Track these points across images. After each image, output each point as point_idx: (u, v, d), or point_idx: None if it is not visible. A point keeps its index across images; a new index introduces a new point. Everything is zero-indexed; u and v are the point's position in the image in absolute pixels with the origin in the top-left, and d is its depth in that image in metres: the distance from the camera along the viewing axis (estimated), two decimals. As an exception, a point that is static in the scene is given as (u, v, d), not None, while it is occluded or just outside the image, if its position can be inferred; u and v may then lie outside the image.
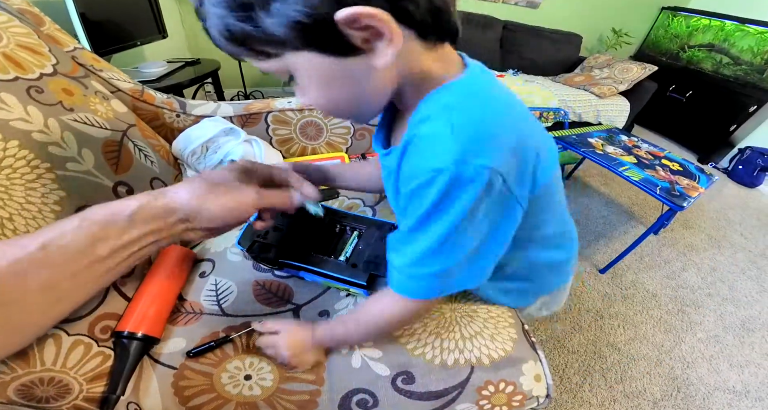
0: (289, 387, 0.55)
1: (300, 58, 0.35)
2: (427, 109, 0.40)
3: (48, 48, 0.71)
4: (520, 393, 0.58)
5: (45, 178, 0.56)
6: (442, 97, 0.40)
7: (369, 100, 0.42)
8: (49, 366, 0.48)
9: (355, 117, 0.46)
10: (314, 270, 0.62)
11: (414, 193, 0.40)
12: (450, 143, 0.37)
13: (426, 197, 0.38)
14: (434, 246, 0.42)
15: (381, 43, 0.34)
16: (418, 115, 0.41)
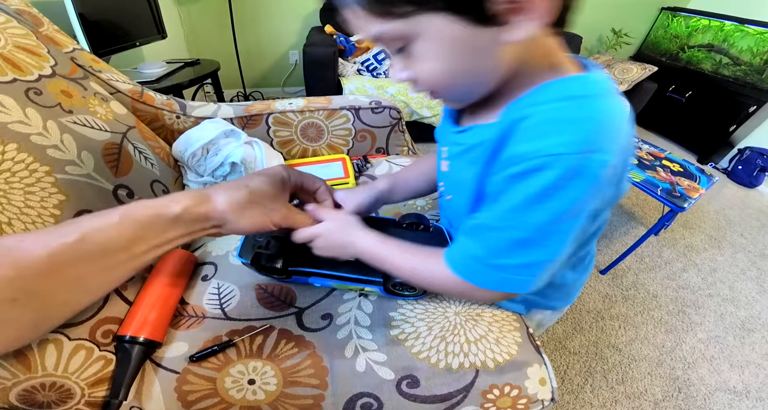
0: (293, 392, 0.55)
1: (433, 21, 0.33)
2: (546, 95, 0.38)
3: (47, 49, 0.71)
4: (525, 397, 0.58)
5: (44, 182, 0.55)
6: (567, 87, 0.38)
7: (484, 79, 0.40)
8: (51, 371, 0.48)
9: (461, 96, 0.44)
10: (327, 274, 0.61)
11: (517, 177, 0.37)
12: (573, 131, 0.34)
13: (533, 182, 0.36)
14: (529, 236, 0.39)
15: (521, 18, 0.32)
16: (531, 99, 0.39)
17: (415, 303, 0.66)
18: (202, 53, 2.45)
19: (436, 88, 0.42)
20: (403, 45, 0.37)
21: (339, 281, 0.63)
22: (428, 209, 0.88)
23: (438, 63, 0.37)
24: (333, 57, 2.09)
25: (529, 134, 0.36)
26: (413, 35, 0.35)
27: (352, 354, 0.59)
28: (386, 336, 0.61)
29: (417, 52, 0.37)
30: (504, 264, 0.42)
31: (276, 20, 2.80)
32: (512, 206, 0.38)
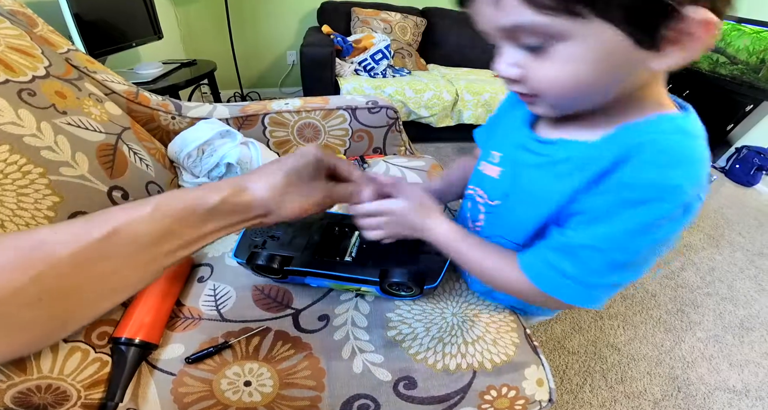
0: (289, 394, 0.55)
1: (600, 29, 0.31)
2: (664, 125, 0.39)
3: (41, 50, 0.70)
4: (522, 398, 0.57)
5: (38, 184, 0.55)
6: (684, 123, 0.39)
7: (603, 95, 0.39)
8: (47, 373, 0.47)
9: (566, 106, 0.42)
10: (323, 274, 0.60)
11: (634, 203, 0.38)
12: (692, 169, 0.37)
13: (649, 211, 0.37)
14: (629, 260, 0.41)
15: (675, 49, 0.32)
16: (650, 127, 0.39)
17: (413, 304, 0.65)
18: (198, 54, 2.44)
19: (548, 93, 0.39)
20: (543, 43, 0.34)
21: (335, 281, 0.62)
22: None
23: (575, 69, 0.35)
24: (330, 57, 2.09)
25: (653, 162, 0.37)
26: (567, 36, 0.33)
27: (349, 355, 0.58)
28: (383, 337, 0.61)
29: (558, 53, 0.34)
30: (596, 283, 0.43)
31: (273, 20, 2.80)
32: (623, 230, 0.39)
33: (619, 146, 0.39)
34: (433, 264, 0.61)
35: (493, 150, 0.59)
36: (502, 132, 0.60)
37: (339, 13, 2.68)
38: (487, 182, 0.58)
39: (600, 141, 0.41)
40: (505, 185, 0.54)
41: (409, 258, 0.62)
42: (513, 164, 0.53)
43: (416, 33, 2.78)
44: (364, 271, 0.60)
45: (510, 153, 0.54)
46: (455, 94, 2.34)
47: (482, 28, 0.39)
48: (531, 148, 0.49)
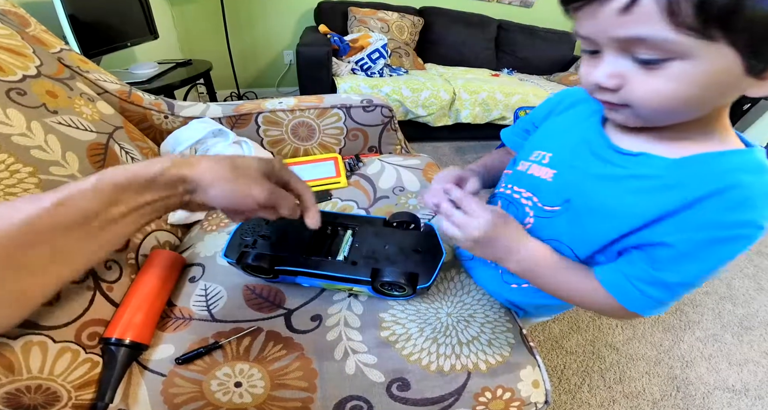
0: (280, 395, 0.54)
1: (723, 52, 0.32)
2: (748, 163, 0.40)
3: (32, 49, 0.69)
4: (518, 400, 0.57)
5: (27, 183, 0.54)
6: (757, 160, 0.40)
7: (697, 113, 0.39)
8: (36, 374, 0.47)
9: (654, 120, 0.42)
10: (314, 273, 0.60)
11: (720, 240, 0.40)
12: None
13: (738, 247, 0.39)
14: (702, 282, 0.43)
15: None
16: (734, 162, 0.40)
17: (406, 304, 0.65)
18: (195, 54, 2.44)
19: (643, 106, 0.39)
20: (659, 57, 0.34)
21: (327, 281, 0.62)
22: (420, 208, 0.87)
23: (681, 88, 0.35)
24: (327, 56, 2.08)
25: (742, 204, 0.39)
26: (688, 55, 0.33)
27: (342, 356, 0.58)
28: (377, 337, 0.60)
29: (671, 69, 0.34)
30: (672, 301, 0.46)
31: (270, 20, 2.79)
32: (712, 266, 0.41)
33: (704, 178, 0.40)
34: (426, 263, 0.61)
35: (538, 149, 0.57)
36: (555, 131, 0.58)
37: (336, 12, 2.67)
38: (536, 184, 0.56)
39: (682, 161, 0.42)
40: (564, 190, 0.52)
41: (402, 258, 0.61)
42: (575, 169, 0.51)
43: (413, 32, 2.77)
44: (355, 271, 0.59)
45: (570, 156, 0.53)
46: (452, 93, 2.33)
47: (586, 34, 0.38)
48: (607, 157, 0.48)
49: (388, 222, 0.67)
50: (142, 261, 0.66)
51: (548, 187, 0.54)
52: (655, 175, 0.43)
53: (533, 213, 0.56)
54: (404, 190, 0.92)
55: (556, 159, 0.54)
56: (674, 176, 0.42)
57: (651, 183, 0.43)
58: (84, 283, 0.55)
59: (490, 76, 2.76)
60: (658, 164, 0.43)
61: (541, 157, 0.56)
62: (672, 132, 0.43)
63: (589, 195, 0.49)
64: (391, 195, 0.90)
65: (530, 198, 0.56)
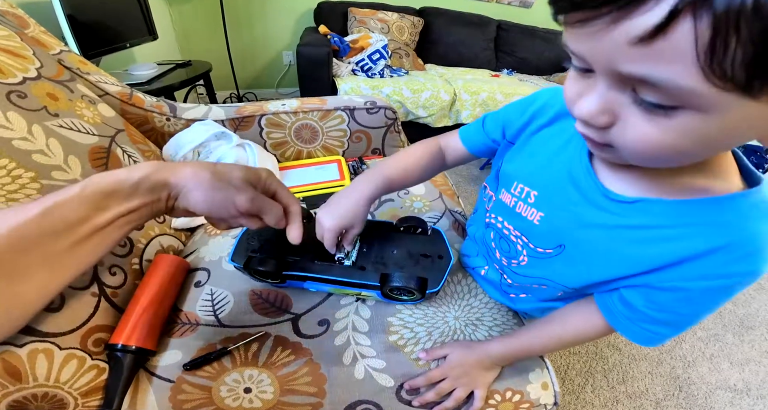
0: (290, 400, 0.54)
1: (751, 108, 0.24)
2: (750, 211, 0.37)
3: (32, 51, 0.69)
4: (527, 402, 0.56)
5: (29, 188, 0.53)
6: (756, 199, 0.37)
7: (697, 159, 0.33)
8: (42, 382, 0.46)
9: (651, 165, 0.35)
10: (323, 278, 0.59)
11: (726, 287, 0.39)
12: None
13: (736, 290, 0.39)
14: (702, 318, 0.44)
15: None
16: (738, 211, 0.37)
17: (414, 307, 0.64)
18: (194, 54, 2.42)
19: (632, 151, 0.32)
20: (667, 104, 0.26)
21: (335, 285, 0.61)
22: (425, 211, 0.86)
23: (685, 139, 0.28)
24: (327, 57, 2.07)
25: (748, 257, 0.37)
26: (707, 108, 0.25)
27: (351, 360, 0.57)
28: (385, 342, 0.60)
29: (677, 119, 0.27)
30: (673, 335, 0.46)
31: (269, 21, 2.78)
32: (716, 306, 0.42)
33: (709, 230, 0.38)
34: (434, 268, 0.60)
35: (520, 182, 0.54)
36: (536, 161, 0.53)
37: (336, 13, 2.66)
38: (525, 226, 0.53)
39: (683, 206, 0.39)
40: (555, 236, 0.50)
41: (411, 263, 0.61)
42: (565, 214, 0.48)
43: (413, 33, 2.77)
44: (364, 276, 0.59)
45: (558, 198, 0.49)
46: (453, 93, 2.33)
47: (580, 53, 0.30)
48: (600, 204, 0.44)
49: (396, 227, 0.66)
50: (146, 266, 0.66)
51: (538, 230, 0.51)
52: (654, 224, 0.40)
53: (526, 252, 0.55)
54: (409, 192, 0.92)
55: (542, 199, 0.51)
56: (674, 225, 0.39)
57: (650, 233, 0.41)
58: (88, 289, 0.55)
59: (490, 77, 2.75)
60: (656, 210, 0.40)
61: (526, 194, 0.53)
62: (667, 172, 0.39)
63: (584, 243, 0.47)
64: (396, 198, 0.90)
65: (520, 237, 0.55)
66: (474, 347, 0.57)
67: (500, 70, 3.06)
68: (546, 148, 0.52)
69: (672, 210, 0.39)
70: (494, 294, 0.68)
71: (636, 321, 0.45)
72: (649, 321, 0.44)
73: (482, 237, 0.66)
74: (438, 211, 0.87)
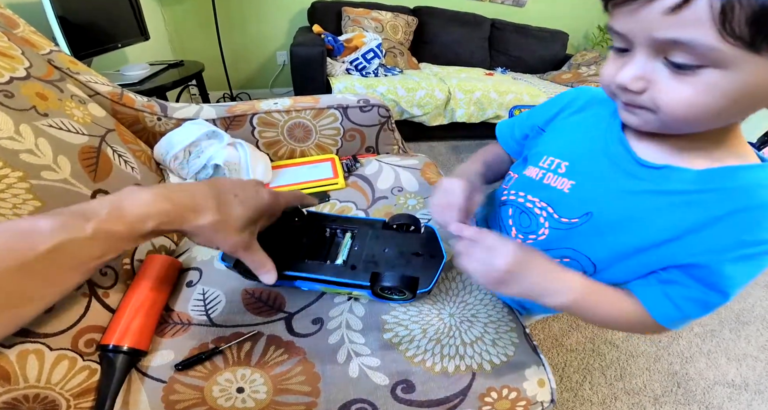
0: (284, 400, 0.53)
1: (763, 65, 0.30)
2: (759, 176, 0.40)
3: (21, 51, 0.68)
4: (524, 399, 0.56)
5: (17, 188, 0.52)
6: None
7: (724, 122, 0.39)
8: (33, 383, 0.46)
9: (685, 128, 0.40)
10: (313, 278, 0.58)
11: (751, 256, 0.40)
12: None
13: (759, 262, 0.40)
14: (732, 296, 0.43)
15: None
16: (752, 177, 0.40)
17: (409, 305, 0.64)
18: (186, 55, 2.42)
19: (670, 113, 0.37)
20: (694, 63, 0.32)
21: (326, 285, 0.60)
22: (419, 208, 0.86)
23: (713, 98, 0.34)
24: (321, 56, 2.07)
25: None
26: (727, 65, 0.31)
27: (345, 359, 0.57)
28: (379, 340, 0.59)
29: (704, 77, 0.33)
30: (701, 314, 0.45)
31: (262, 21, 2.78)
32: (741, 282, 0.41)
33: (730, 194, 0.40)
34: (426, 267, 0.59)
35: (550, 155, 0.56)
36: (568, 137, 0.56)
37: (329, 12, 2.66)
38: (552, 195, 0.54)
39: (706, 174, 0.42)
40: (584, 203, 0.50)
41: (402, 262, 0.60)
42: (596, 181, 0.50)
43: (407, 32, 2.77)
44: (355, 275, 0.58)
45: (589, 166, 0.51)
46: (447, 92, 2.33)
47: (622, 30, 0.36)
48: (630, 169, 0.47)
49: (388, 225, 0.66)
50: (137, 266, 0.65)
51: (566, 198, 0.52)
52: (680, 190, 0.43)
53: (548, 224, 0.54)
54: (403, 190, 0.91)
55: (573, 168, 0.53)
56: (699, 190, 0.42)
57: (676, 199, 0.43)
58: (79, 290, 0.54)
59: (484, 75, 2.76)
60: (682, 177, 0.43)
61: (556, 165, 0.54)
62: (690, 142, 0.43)
63: (612, 209, 0.48)
64: (390, 195, 0.89)
65: (545, 208, 0.55)
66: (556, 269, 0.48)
67: (494, 68, 3.07)
68: (577, 128, 0.56)
69: (698, 177, 0.42)
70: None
71: (676, 299, 0.45)
72: (689, 299, 0.44)
73: (495, 217, 0.66)
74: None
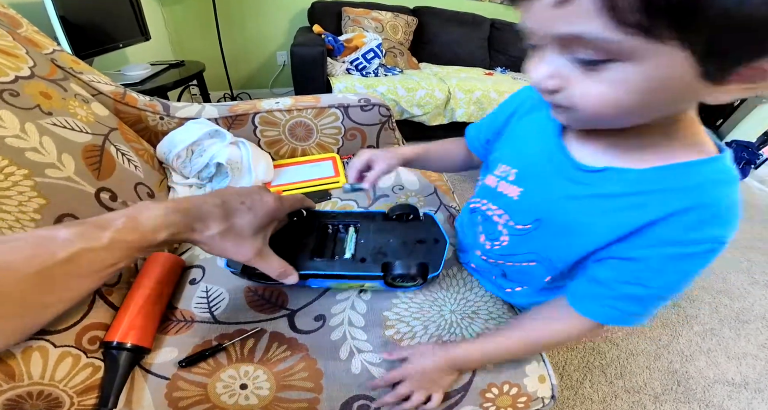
0: (287, 396, 0.54)
1: (670, 55, 0.28)
2: (716, 174, 0.38)
3: (25, 50, 0.68)
4: (525, 395, 0.56)
5: (22, 185, 0.53)
6: (725, 170, 0.39)
7: (647, 117, 0.36)
8: (37, 380, 0.46)
9: (608, 124, 0.39)
10: (326, 275, 0.59)
11: (688, 256, 0.39)
12: (735, 219, 0.38)
13: (705, 261, 0.39)
14: (670, 295, 0.43)
15: (744, 86, 0.29)
16: (703, 174, 0.38)
17: (410, 302, 0.64)
18: (187, 55, 2.42)
19: (585, 110, 0.36)
20: (598, 58, 0.30)
21: (338, 280, 0.61)
22: (420, 206, 0.87)
23: (623, 92, 0.32)
24: (321, 56, 2.07)
25: (709, 222, 0.38)
26: (631, 57, 0.29)
27: (347, 355, 0.57)
28: (381, 336, 0.60)
29: (611, 72, 0.31)
30: (650, 314, 0.46)
31: (262, 21, 2.78)
32: (681, 279, 0.42)
33: (670, 194, 0.39)
34: (432, 252, 0.61)
35: (503, 163, 0.57)
36: (516, 143, 0.57)
37: (329, 12, 2.66)
38: (505, 202, 0.55)
39: (648, 173, 0.40)
40: (533, 210, 0.51)
41: (409, 250, 0.61)
42: (541, 188, 0.50)
43: (407, 31, 2.77)
44: (366, 267, 0.59)
45: (534, 173, 0.51)
46: (447, 92, 2.33)
47: (527, 27, 0.35)
48: (571, 175, 0.46)
49: (388, 216, 0.67)
50: (140, 264, 0.65)
51: (517, 205, 0.54)
52: (621, 192, 0.42)
53: (506, 231, 0.56)
54: (404, 188, 0.92)
55: (520, 176, 0.53)
56: (640, 192, 0.41)
57: (618, 202, 0.42)
58: (83, 287, 0.54)
59: (484, 75, 2.76)
60: (623, 178, 0.42)
61: (507, 173, 0.55)
62: (633, 138, 0.41)
63: (557, 215, 0.48)
64: (391, 193, 0.90)
65: (502, 215, 0.56)
66: (435, 350, 0.55)
67: (494, 68, 3.07)
68: (525, 132, 0.56)
69: (639, 177, 0.41)
70: (491, 289, 0.68)
71: (602, 298, 0.45)
72: (616, 297, 0.44)
73: (469, 223, 0.68)
74: (433, 207, 0.87)
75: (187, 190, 0.87)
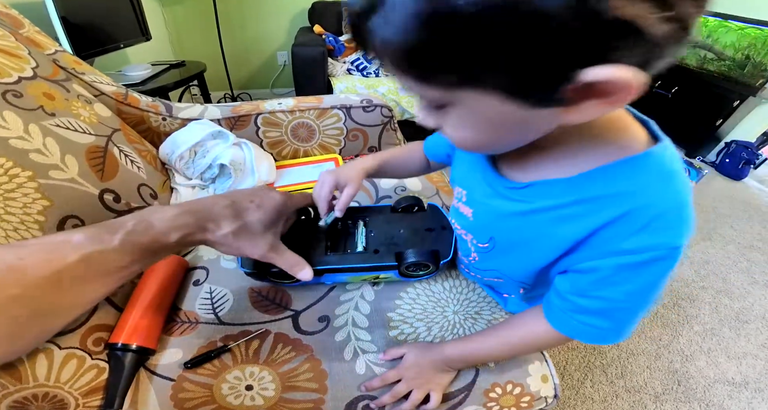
0: (292, 397, 0.54)
1: (477, 98, 0.29)
2: (647, 175, 0.35)
3: (27, 51, 0.68)
4: (528, 395, 0.57)
5: (27, 187, 0.53)
6: (661, 163, 0.35)
7: (514, 143, 0.37)
8: (43, 382, 0.46)
9: (493, 152, 0.42)
10: (343, 268, 0.59)
11: (643, 265, 0.36)
12: (686, 220, 0.35)
13: (659, 269, 0.37)
14: (647, 306, 0.41)
15: (594, 102, 0.27)
16: (631, 179, 0.35)
17: (413, 303, 0.64)
18: (187, 55, 2.42)
19: (458, 145, 0.38)
20: (436, 105, 0.33)
21: (353, 273, 0.62)
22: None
23: (469, 131, 0.34)
24: (322, 56, 2.07)
25: (654, 228, 0.35)
26: (452, 103, 0.31)
27: (351, 356, 0.57)
28: (385, 337, 0.60)
29: (450, 115, 0.33)
30: (628, 325, 0.43)
31: (263, 21, 2.78)
32: (640, 289, 0.39)
33: (604, 201, 0.37)
34: (441, 239, 0.63)
35: (456, 185, 0.58)
36: (462, 165, 0.57)
37: (330, 12, 2.66)
38: (465, 223, 0.56)
39: (576, 180, 0.38)
40: (485, 229, 0.52)
41: (419, 238, 0.63)
42: (486, 209, 0.50)
43: (407, 32, 2.77)
44: (380, 258, 0.60)
45: (479, 195, 0.52)
46: (447, 92, 2.33)
47: None
48: (504, 194, 0.46)
49: (394, 208, 0.69)
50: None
51: (473, 225, 0.54)
52: (553, 205, 0.40)
53: (473, 248, 0.57)
54: (406, 189, 0.92)
55: (470, 197, 0.54)
56: (574, 202, 0.39)
57: (552, 214, 0.41)
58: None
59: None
60: (551, 190, 0.40)
61: (461, 195, 0.56)
62: (553, 149, 0.40)
63: (505, 232, 0.48)
64: (393, 194, 0.90)
65: (466, 234, 0.57)
66: (430, 348, 0.56)
67: (494, 69, 3.07)
68: (466, 153, 0.55)
69: (568, 187, 0.39)
70: (491, 294, 0.69)
71: (569, 312, 0.43)
72: (580, 311, 0.42)
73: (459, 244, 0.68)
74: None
75: (190, 191, 0.87)
